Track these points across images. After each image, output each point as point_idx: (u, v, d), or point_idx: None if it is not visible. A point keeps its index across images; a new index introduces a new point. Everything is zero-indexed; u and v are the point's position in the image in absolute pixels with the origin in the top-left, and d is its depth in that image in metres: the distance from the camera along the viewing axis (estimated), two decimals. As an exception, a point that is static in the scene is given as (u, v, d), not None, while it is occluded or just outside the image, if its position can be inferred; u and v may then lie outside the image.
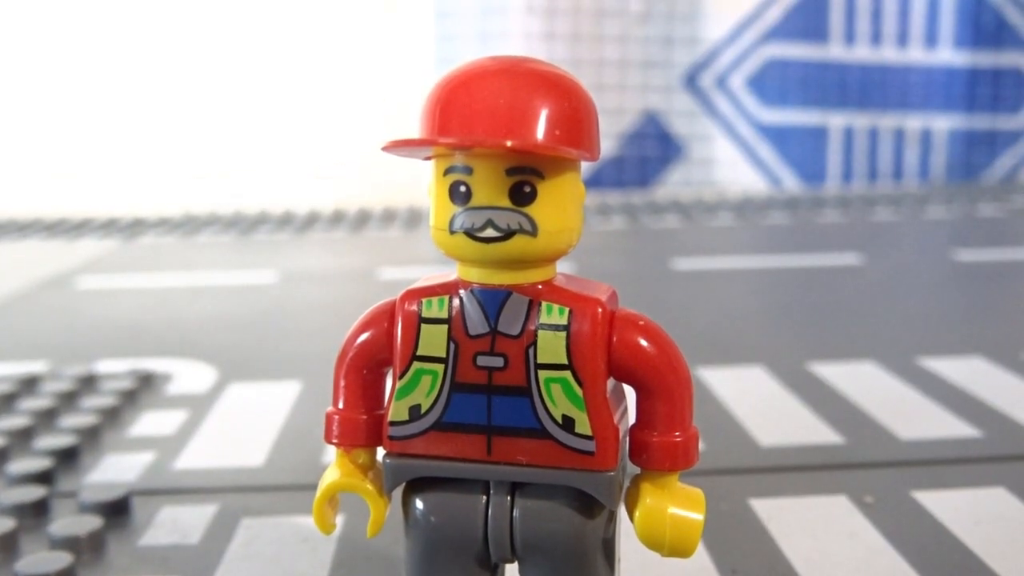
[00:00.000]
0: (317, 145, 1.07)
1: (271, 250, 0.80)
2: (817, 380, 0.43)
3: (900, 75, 1.11)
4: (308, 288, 0.65)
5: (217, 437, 0.39)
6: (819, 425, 0.38)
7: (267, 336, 0.54)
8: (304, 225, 0.90)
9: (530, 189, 0.20)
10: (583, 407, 0.21)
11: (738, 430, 0.38)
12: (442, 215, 0.21)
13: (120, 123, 1.07)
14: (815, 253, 0.74)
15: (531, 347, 0.21)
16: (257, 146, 1.07)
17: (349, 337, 0.23)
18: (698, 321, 0.55)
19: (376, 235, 0.86)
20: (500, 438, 0.21)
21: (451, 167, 0.21)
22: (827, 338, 0.51)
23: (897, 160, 1.13)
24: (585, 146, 0.21)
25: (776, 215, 0.91)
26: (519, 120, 0.20)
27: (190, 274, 0.70)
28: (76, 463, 0.36)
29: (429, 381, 0.22)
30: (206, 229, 0.89)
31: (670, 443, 0.21)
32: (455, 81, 0.21)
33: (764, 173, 1.11)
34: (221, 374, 0.46)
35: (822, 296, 0.61)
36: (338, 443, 0.23)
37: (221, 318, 0.57)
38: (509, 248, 0.21)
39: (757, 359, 0.46)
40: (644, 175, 1.10)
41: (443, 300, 0.22)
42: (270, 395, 0.43)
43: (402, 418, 0.22)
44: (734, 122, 1.11)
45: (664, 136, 1.10)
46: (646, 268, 0.70)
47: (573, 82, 0.21)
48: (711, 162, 1.11)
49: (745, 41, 1.10)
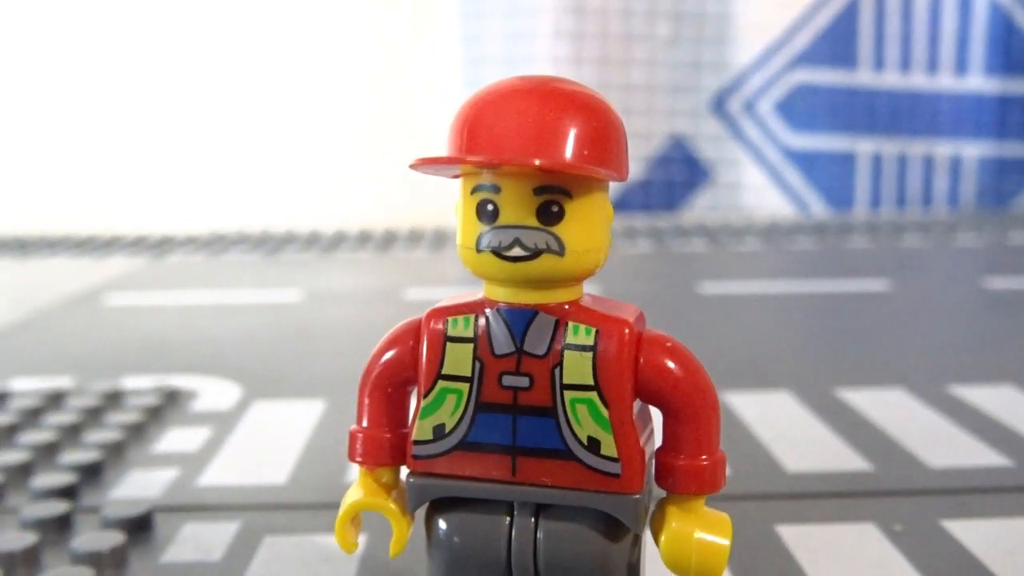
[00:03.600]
0: (345, 166, 1.07)
1: (297, 269, 0.80)
2: (845, 406, 0.43)
3: (929, 101, 1.11)
4: (333, 307, 0.65)
5: (241, 454, 0.39)
6: (847, 451, 0.37)
7: (292, 354, 0.54)
8: (330, 245, 0.91)
9: (558, 208, 0.20)
10: (609, 429, 0.21)
11: (765, 455, 0.37)
12: (469, 233, 0.21)
13: (151, 142, 1.08)
14: (843, 279, 0.73)
15: (557, 367, 0.21)
16: (286, 166, 1.08)
17: (374, 355, 0.23)
18: (725, 345, 0.54)
19: (402, 255, 0.86)
20: (525, 459, 0.21)
21: (479, 185, 0.21)
22: (855, 364, 0.50)
23: (926, 186, 1.12)
24: (613, 166, 0.21)
25: (803, 240, 0.91)
26: (547, 139, 0.20)
27: (217, 292, 0.71)
28: (100, 479, 0.36)
29: (454, 400, 0.21)
30: (233, 248, 0.90)
31: (697, 467, 0.21)
32: (483, 100, 0.21)
33: (792, 198, 1.11)
34: (246, 391, 0.47)
35: (850, 322, 0.61)
36: (361, 461, 0.23)
37: (246, 336, 0.58)
38: (536, 267, 0.20)
39: (784, 384, 0.46)
40: (671, 199, 1.10)
41: (469, 319, 0.22)
42: (294, 413, 0.43)
43: (426, 437, 0.22)
44: (762, 147, 1.11)
45: (691, 160, 1.10)
46: (673, 292, 0.70)
47: (601, 101, 0.21)
48: (738, 187, 1.11)
49: (774, 66, 1.10)
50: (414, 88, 1.06)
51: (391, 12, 1.08)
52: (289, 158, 1.08)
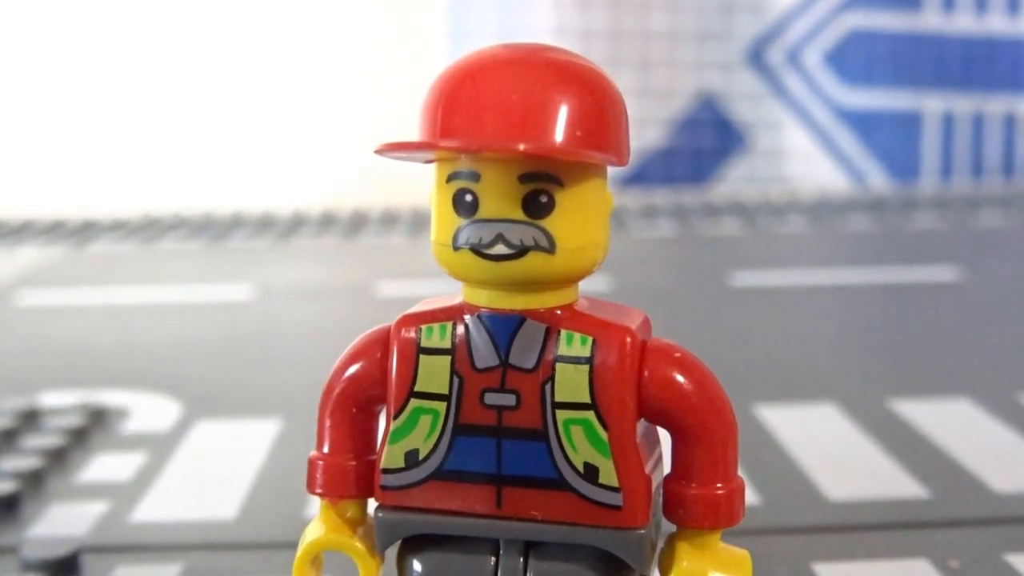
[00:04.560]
0: (305, 135, 1.07)
1: (248, 260, 0.81)
2: (899, 421, 0.44)
3: (1011, 49, 1.11)
4: (292, 306, 0.66)
5: (181, 485, 0.39)
6: (899, 475, 0.38)
7: (242, 365, 0.54)
8: (287, 230, 0.91)
9: (547, 199, 0.21)
10: (608, 453, 0.21)
11: (802, 480, 0.38)
12: (444, 228, 0.22)
13: (67, 108, 1.08)
14: (904, 266, 0.74)
15: (548, 383, 0.22)
16: (233, 136, 1.07)
17: (336, 369, 0.23)
18: (758, 348, 0.55)
19: (374, 242, 0.87)
20: (511, 489, 0.22)
21: (455, 172, 0.21)
22: (914, 370, 0.51)
23: (1007, 153, 1.13)
24: (612, 149, 0.21)
25: (858, 219, 0.91)
26: (534, 118, 0.21)
27: (151, 289, 0.71)
28: (17, 514, 0.37)
29: (429, 422, 0.22)
30: (170, 234, 0.90)
31: (711, 496, 0.22)
32: (461, 73, 0.21)
33: (845, 167, 1.11)
34: (187, 409, 0.47)
35: (910, 319, 0.62)
36: (323, 493, 0.23)
37: (188, 342, 0.58)
38: (522, 267, 0.21)
39: (828, 395, 0.47)
40: (698, 170, 1.11)
41: (445, 327, 0.22)
42: (244, 435, 0.44)
43: (397, 465, 0.22)
44: (809, 106, 1.11)
45: (723, 123, 1.11)
46: (698, 284, 0.71)
47: (598, 73, 0.22)
48: (780, 154, 1.11)
49: (822, 8, 1.10)
50: (390, 51, 1.06)
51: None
52: (237, 126, 1.07)
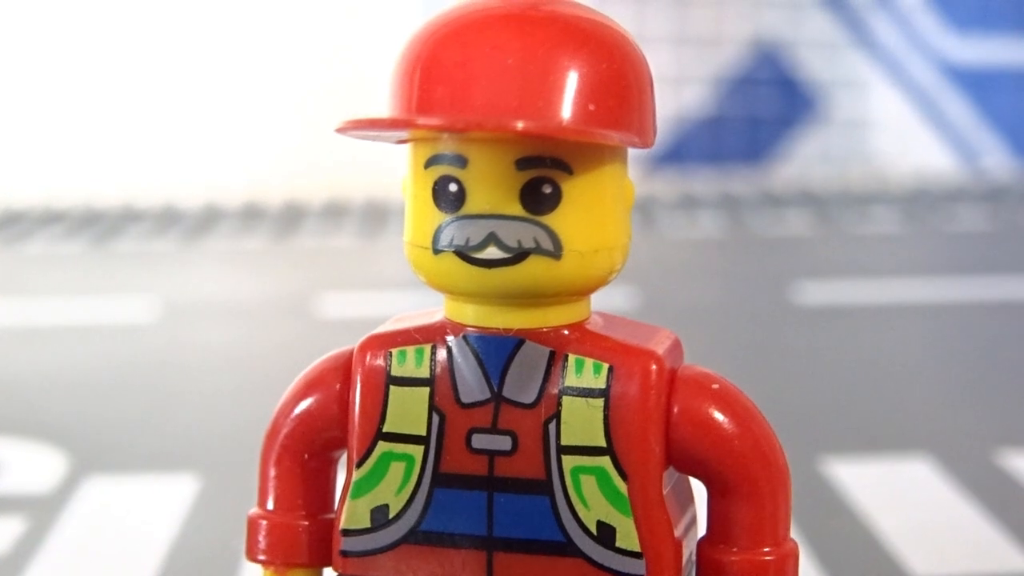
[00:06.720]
0: (223, 106, 1.07)
1: (147, 266, 0.81)
2: (1010, 478, 0.45)
3: None
4: (205, 328, 0.67)
5: (71, 559, 0.40)
6: (1007, 547, 0.40)
7: (142, 404, 0.55)
8: (199, 226, 0.91)
9: (551, 190, 0.22)
10: (628, 510, 0.23)
11: (881, 552, 0.39)
12: (422, 226, 0.23)
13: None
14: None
15: (552, 421, 0.23)
16: (126, 105, 1.08)
17: (283, 406, 0.25)
18: (829, 384, 0.56)
19: (315, 243, 0.87)
20: (505, 555, 0.23)
21: (436, 156, 0.22)
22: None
23: None
24: (632, 126, 0.23)
25: (970, 214, 0.92)
26: (535, 88, 0.22)
27: (18, 305, 0.72)
28: None
29: (401, 470, 0.23)
30: (41, 232, 0.91)
31: (756, 563, 0.23)
32: (444, 31, 0.23)
33: (954, 144, 1.12)
34: (75, 462, 0.48)
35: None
36: (267, 561, 0.24)
37: (69, 376, 0.59)
38: (520, 275, 0.22)
39: (921, 445, 0.48)
40: (754, 146, 1.11)
41: (422, 351, 0.23)
42: (151, 495, 0.45)
43: (361, 525, 0.24)
44: (904, 61, 1.12)
45: (787, 83, 1.11)
46: (751, 300, 0.71)
47: (615, 31, 0.23)
48: (865, 125, 1.12)
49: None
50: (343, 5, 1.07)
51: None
52: (129, 90, 1.07)
